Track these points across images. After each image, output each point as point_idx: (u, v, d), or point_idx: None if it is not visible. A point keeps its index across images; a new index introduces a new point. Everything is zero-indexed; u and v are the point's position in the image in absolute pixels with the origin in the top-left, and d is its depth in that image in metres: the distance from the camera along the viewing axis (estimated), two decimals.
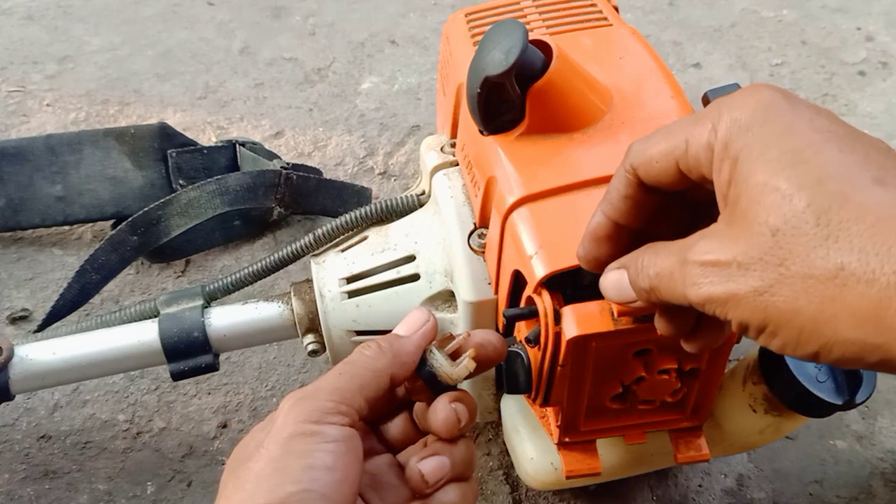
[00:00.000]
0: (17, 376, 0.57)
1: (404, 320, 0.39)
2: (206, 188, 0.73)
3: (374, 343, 0.37)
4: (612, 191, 0.34)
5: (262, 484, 0.30)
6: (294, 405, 0.33)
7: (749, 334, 0.27)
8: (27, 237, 0.84)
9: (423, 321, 0.39)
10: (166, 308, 0.59)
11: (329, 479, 0.31)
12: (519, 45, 0.42)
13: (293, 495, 0.30)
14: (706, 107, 0.30)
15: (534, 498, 0.64)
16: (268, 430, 0.33)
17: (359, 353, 0.37)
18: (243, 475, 0.32)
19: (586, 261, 0.36)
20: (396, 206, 0.59)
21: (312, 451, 0.31)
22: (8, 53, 1.07)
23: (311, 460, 0.31)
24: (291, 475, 0.30)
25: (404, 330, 0.38)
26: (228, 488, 0.32)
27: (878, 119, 0.97)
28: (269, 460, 0.31)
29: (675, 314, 0.34)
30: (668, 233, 0.33)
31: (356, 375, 0.35)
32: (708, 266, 0.27)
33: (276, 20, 1.14)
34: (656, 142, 0.31)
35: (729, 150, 0.27)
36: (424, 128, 0.96)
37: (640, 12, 1.15)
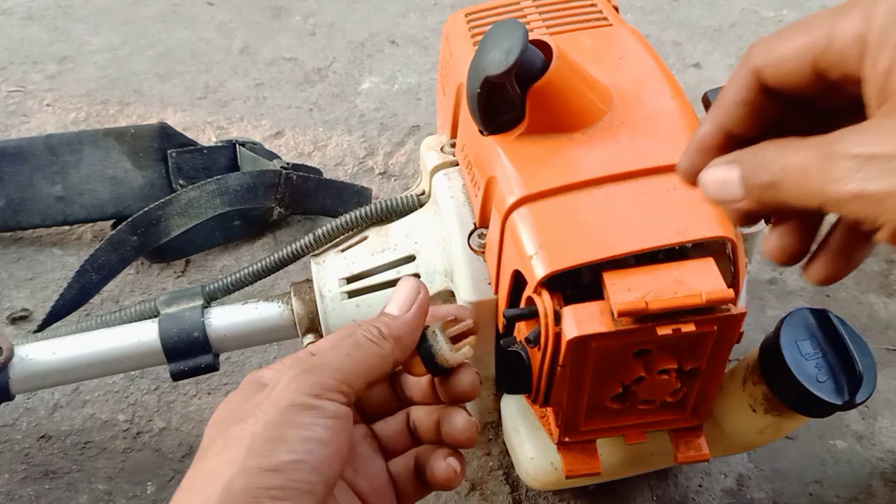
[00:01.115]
0: (17, 376, 0.57)
1: (395, 295, 0.38)
2: (206, 188, 0.73)
3: (373, 327, 0.36)
4: (727, 95, 0.30)
5: (258, 447, 0.31)
6: (297, 375, 0.33)
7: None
8: (27, 237, 0.84)
9: (415, 294, 0.38)
10: (166, 308, 0.59)
11: (323, 452, 0.31)
12: (519, 45, 0.42)
13: (288, 464, 0.30)
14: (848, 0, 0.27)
15: (534, 498, 0.65)
16: (266, 395, 0.33)
17: (363, 336, 0.36)
18: (237, 433, 0.32)
19: (688, 174, 0.32)
20: (396, 206, 0.59)
21: (310, 424, 0.32)
22: (8, 53, 1.07)
23: (308, 432, 0.31)
24: (288, 444, 0.31)
25: (397, 308, 0.37)
26: (217, 444, 0.32)
27: None
28: (266, 424, 0.31)
29: (791, 225, 0.31)
30: None
31: (363, 360, 0.35)
32: (863, 159, 0.24)
33: (276, 20, 1.14)
34: (788, 38, 0.28)
35: (890, 37, 0.25)
36: (424, 128, 0.96)
37: (640, 12, 1.15)
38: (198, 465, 0.32)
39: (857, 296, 0.79)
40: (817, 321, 0.48)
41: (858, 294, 0.79)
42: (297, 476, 0.30)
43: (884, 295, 0.79)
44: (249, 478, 0.30)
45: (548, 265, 0.41)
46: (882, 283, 0.80)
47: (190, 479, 0.31)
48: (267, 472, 0.30)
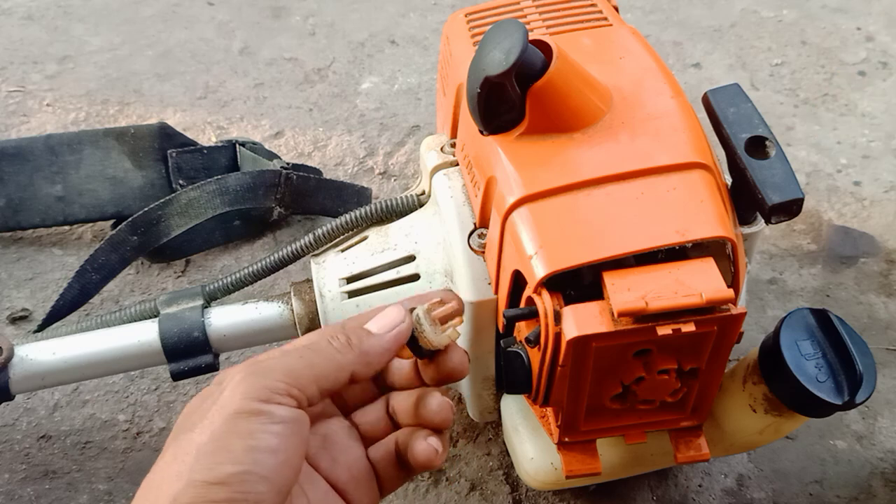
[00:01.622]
0: (17, 376, 0.57)
1: (379, 315, 0.38)
2: (206, 188, 0.73)
3: (342, 334, 0.36)
4: None
5: (203, 460, 0.30)
6: (244, 379, 0.32)
7: None
8: (27, 237, 0.84)
9: (398, 322, 0.37)
10: (166, 308, 0.59)
11: (271, 461, 0.30)
12: (519, 45, 0.42)
13: (233, 476, 0.29)
14: None
15: (534, 498, 0.65)
16: (214, 400, 0.32)
17: (325, 340, 0.35)
18: (185, 444, 0.31)
19: None
20: (396, 206, 0.59)
21: (256, 432, 0.31)
22: (8, 53, 1.07)
23: (254, 441, 0.30)
24: (233, 454, 0.30)
25: (377, 327, 0.37)
26: (168, 454, 0.31)
27: (878, 119, 0.97)
28: (211, 435, 0.30)
29: None
30: None
31: (315, 364, 0.34)
32: None
33: (276, 20, 1.14)
34: None
35: None
36: (424, 128, 0.96)
37: (640, 12, 1.15)
38: (150, 476, 0.31)
39: (857, 296, 0.79)
40: (817, 321, 0.48)
41: (858, 294, 0.79)
42: (244, 488, 0.29)
43: (884, 295, 0.79)
44: (195, 492, 0.29)
45: (548, 265, 0.41)
46: (882, 283, 0.80)
47: (141, 492, 0.31)
48: (213, 486, 0.29)
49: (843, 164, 0.92)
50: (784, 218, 0.45)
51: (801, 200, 0.44)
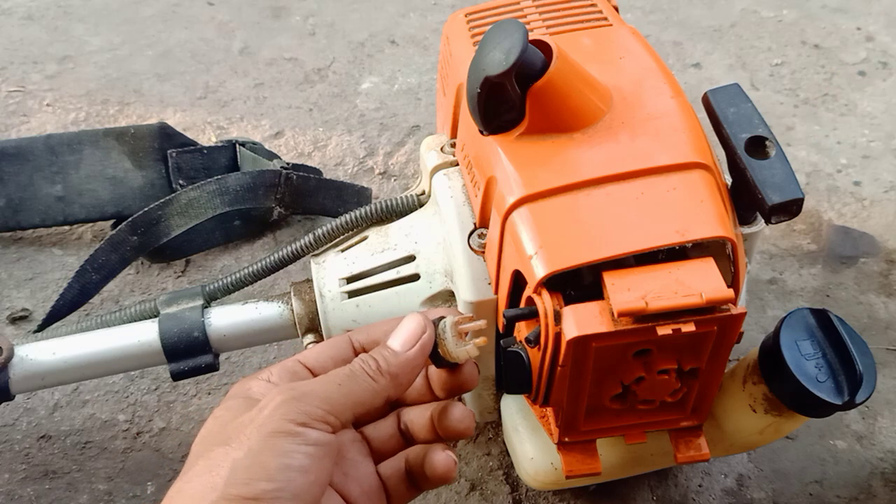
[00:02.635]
0: (17, 376, 0.57)
1: (399, 330, 0.38)
2: (206, 188, 0.73)
3: (373, 360, 0.37)
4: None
5: (239, 474, 0.31)
6: (284, 402, 0.33)
7: None
8: (27, 237, 0.84)
9: (418, 333, 0.38)
10: (166, 308, 0.59)
11: (303, 480, 0.32)
12: (519, 45, 0.42)
13: (267, 493, 0.30)
14: None
15: (534, 498, 0.65)
16: (252, 418, 0.33)
17: (360, 368, 0.36)
18: (220, 457, 0.32)
19: None
20: (396, 206, 0.59)
21: (291, 452, 0.32)
22: (8, 53, 1.07)
23: (289, 460, 0.32)
24: (268, 472, 0.31)
25: (399, 344, 0.38)
26: (200, 465, 0.33)
27: (878, 119, 0.97)
28: (248, 451, 0.32)
29: None
30: None
31: (353, 393, 0.35)
32: None
33: (276, 20, 1.14)
34: None
35: None
36: (424, 128, 0.96)
37: (640, 12, 1.15)
38: (179, 484, 0.33)
39: (857, 296, 0.79)
40: (817, 321, 0.48)
41: (858, 294, 0.79)
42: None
43: (884, 295, 0.79)
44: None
45: (548, 265, 0.41)
46: (882, 283, 0.80)
47: (170, 499, 0.32)
48: (247, 500, 0.30)
49: (843, 164, 0.92)
50: (784, 218, 0.45)
51: (801, 200, 0.44)
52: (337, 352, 0.40)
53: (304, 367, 0.39)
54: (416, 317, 0.38)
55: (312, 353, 0.39)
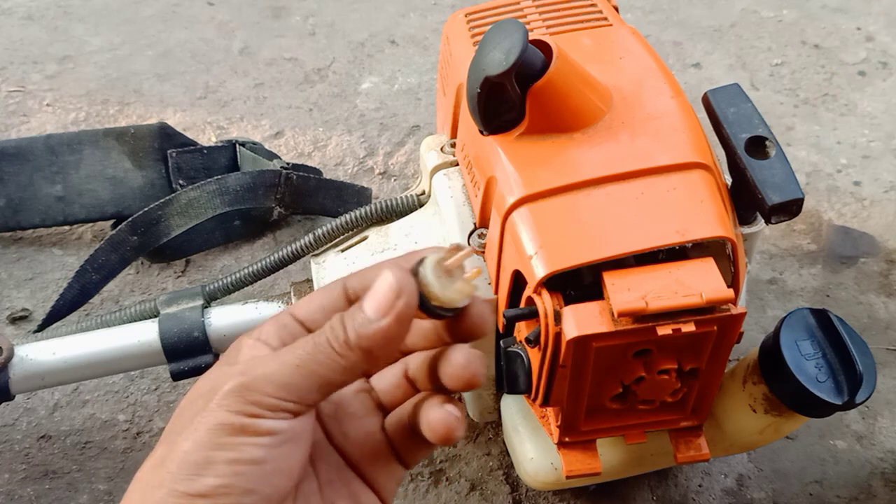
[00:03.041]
0: (17, 376, 0.57)
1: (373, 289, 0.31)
2: (206, 188, 0.73)
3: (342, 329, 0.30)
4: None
5: (185, 469, 0.29)
6: (231, 392, 0.30)
7: None
8: (27, 237, 0.84)
9: (393, 297, 0.30)
10: (166, 308, 0.59)
11: (256, 472, 0.29)
12: (519, 45, 0.42)
13: (214, 489, 0.28)
14: None
15: (534, 498, 0.65)
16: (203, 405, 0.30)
17: (325, 341, 0.30)
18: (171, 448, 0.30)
19: None
20: (396, 206, 0.59)
21: (239, 446, 0.29)
22: (8, 53, 1.07)
23: (237, 454, 0.29)
24: (214, 467, 0.29)
25: (373, 309, 0.30)
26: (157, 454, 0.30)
27: (878, 119, 0.97)
28: (194, 444, 0.29)
29: None
30: None
31: (315, 374, 0.30)
32: None
33: (276, 20, 1.14)
34: None
35: None
36: (424, 128, 0.96)
37: (640, 12, 1.15)
38: (140, 472, 0.30)
39: (857, 296, 0.79)
40: (817, 321, 0.48)
41: (858, 294, 0.79)
42: (226, 501, 0.28)
43: (884, 295, 0.79)
44: (176, 502, 0.28)
45: (548, 265, 0.41)
46: (882, 283, 0.80)
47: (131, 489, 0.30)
48: (194, 498, 0.28)
49: (843, 164, 0.92)
50: (784, 218, 0.45)
51: (801, 200, 0.44)
52: (329, 301, 0.34)
53: (294, 320, 0.33)
54: (388, 273, 0.31)
55: (304, 304, 0.34)
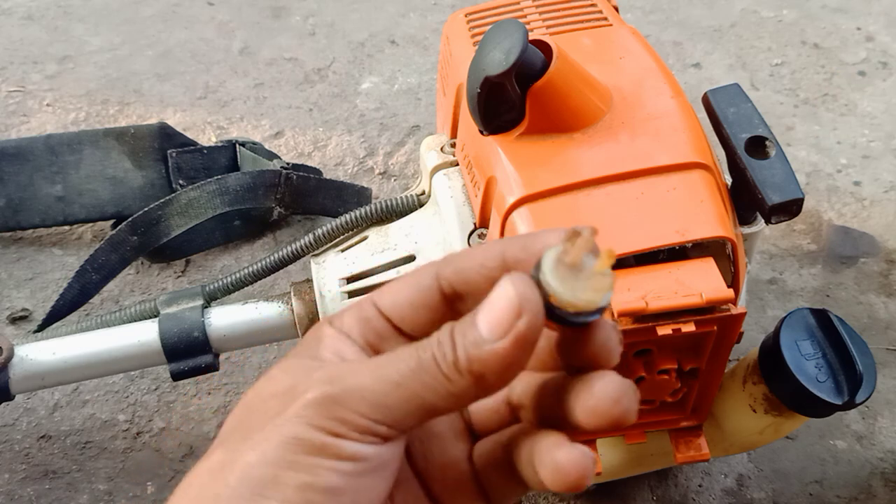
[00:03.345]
0: (17, 376, 0.57)
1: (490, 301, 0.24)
2: (206, 188, 0.73)
3: (451, 347, 0.24)
4: None
5: (247, 486, 0.24)
6: (315, 401, 0.25)
7: None
8: (27, 237, 0.84)
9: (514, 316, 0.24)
10: (166, 308, 0.59)
11: (329, 502, 0.24)
12: (519, 45, 0.42)
13: None
14: None
15: (534, 498, 0.64)
16: (279, 411, 0.25)
17: (431, 359, 0.24)
18: (233, 456, 0.25)
19: None
20: (396, 206, 0.59)
21: (316, 468, 0.24)
22: (8, 53, 1.07)
23: (311, 478, 0.24)
24: (281, 490, 0.24)
25: (488, 326, 0.24)
26: (215, 458, 0.26)
27: (878, 119, 0.97)
28: (262, 458, 0.24)
29: None
30: None
31: (418, 396, 0.24)
32: None
33: (276, 20, 1.14)
34: None
35: None
36: (424, 128, 0.96)
37: (640, 12, 1.15)
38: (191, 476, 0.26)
39: (857, 296, 0.79)
40: (817, 321, 0.48)
41: (858, 294, 0.79)
42: None
43: (884, 295, 0.79)
44: None
45: None
46: (882, 283, 0.80)
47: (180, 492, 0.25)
48: None
49: (843, 164, 0.92)
50: (784, 218, 0.45)
51: (801, 200, 0.44)
52: (419, 295, 0.27)
53: (379, 313, 0.28)
54: (508, 284, 0.24)
55: (389, 294, 0.28)
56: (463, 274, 0.27)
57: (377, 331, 0.28)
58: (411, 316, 0.28)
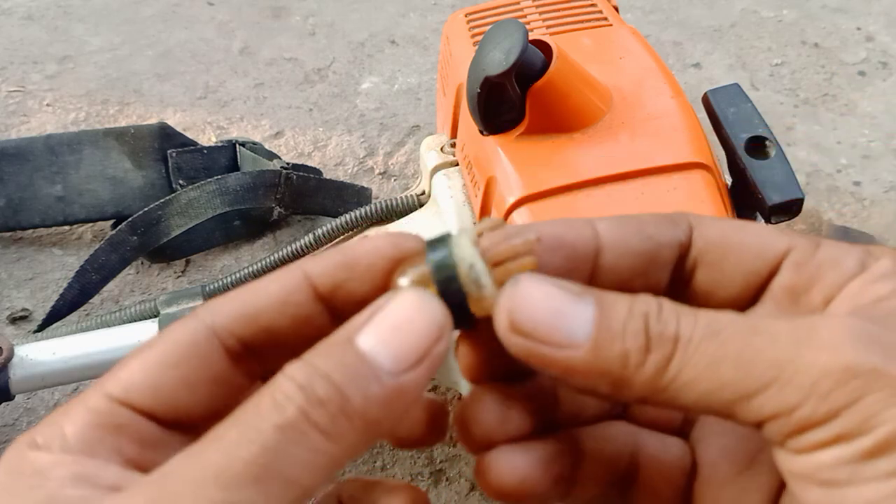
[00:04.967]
0: (17, 376, 0.57)
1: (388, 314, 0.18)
2: (206, 188, 0.73)
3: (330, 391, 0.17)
4: None
5: None
6: None
7: None
8: (27, 237, 0.84)
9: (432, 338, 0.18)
10: (166, 308, 0.59)
11: None
12: (519, 45, 0.42)
13: None
14: None
15: None
16: None
17: (299, 418, 0.17)
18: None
19: None
20: (396, 206, 0.59)
21: None
22: (8, 53, 1.07)
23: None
24: None
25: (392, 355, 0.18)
26: None
27: (878, 119, 0.97)
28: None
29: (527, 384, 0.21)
30: None
31: (283, 481, 0.17)
32: None
33: (276, 20, 1.14)
34: None
35: None
36: (424, 128, 0.96)
37: (640, 12, 1.15)
38: None
39: None
40: None
41: None
42: None
43: None
44: None
45: None
46: None
47: None
48: None
49: (843, 164, 0.92)
50: (784, 218, 0.45)
51: (801, 200, 0.44)
52: (190, 366, 0.19)
53: (121, 406, 0.19)
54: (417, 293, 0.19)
55: (133, 374, 0.19)
56: (257, 320, 0.20)
57: (129, 433, 0.18)
58: (186, 399, 0.19)
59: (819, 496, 0.17)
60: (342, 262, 0.20)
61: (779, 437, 0.18)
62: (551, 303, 0.18)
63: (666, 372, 0.18)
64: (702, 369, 0.18)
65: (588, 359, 0.18)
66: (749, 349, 0.18)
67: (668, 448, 0.22)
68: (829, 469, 0.17)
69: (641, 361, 0.18)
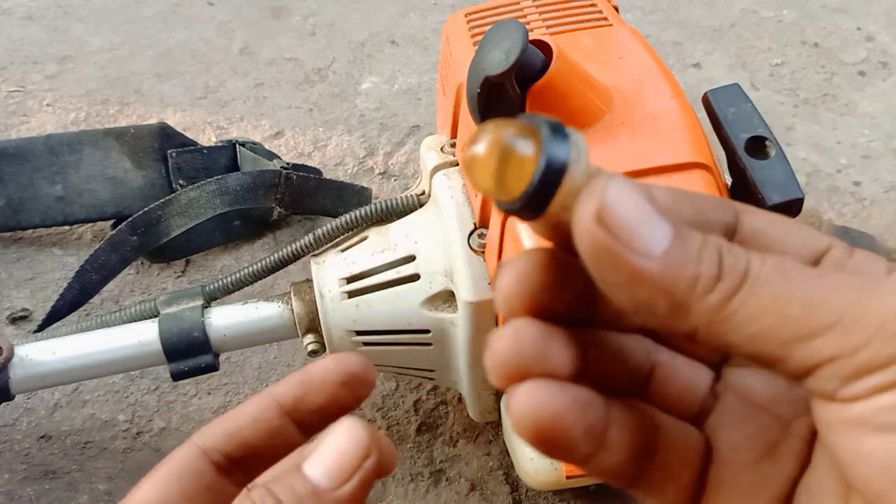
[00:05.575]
0: (17, 376, 0.57)
1: (326, 446, 0.22)
2: (206, 188, 0.73)
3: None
4: None
5: None
6: None
7: None
8: (27, 237, 0.84)
9: (361, 457, 0.22)
10: (166, 308, 0.59)
11: None
12: (519, 45, 0.42)
13: None
14: None
15: (534, 498, 0.64)
16: None
17: None
18: None
19: None
20: (396, 206, 0.59)
21: None
22: (8, 53, 1.07)
23: None
24: None
25: (327, 473, 0.22)
26: None
27: (878, 119, 0.97)
28: None
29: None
30: None
31: None
32: None
33: (276, 20, 1.14)
34: None
35: None
36: (424, 128, 0.96)
37: (640, 12, 1.15)
38: None
39: None
40: None
41: None
42: None
43: None
44: None
45: None
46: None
47: None
48: None
49: (843, 164, 0.92)
50: None
51: (801, 200, 0.44)
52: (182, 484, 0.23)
53: None
54: (350, 423, 0.23)
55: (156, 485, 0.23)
56: (237, 436, 0.24)
57: None
58: None
59: (876, 443, 0.17)
60: (300, 381, 0.24)
61: (834, 382, 0.18)
62: (639, 209, 0.18)
63: (731, 302, 0.18)
64: (766, 303, 0.18)
65: (660, 271, 0.18)
66: (816, 292, 0.18)
67: (687, 431, 0.23)
68: (890, 411, 0.17)
69: (710, 288, 0.18)
